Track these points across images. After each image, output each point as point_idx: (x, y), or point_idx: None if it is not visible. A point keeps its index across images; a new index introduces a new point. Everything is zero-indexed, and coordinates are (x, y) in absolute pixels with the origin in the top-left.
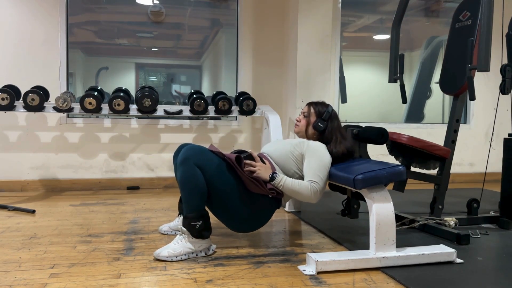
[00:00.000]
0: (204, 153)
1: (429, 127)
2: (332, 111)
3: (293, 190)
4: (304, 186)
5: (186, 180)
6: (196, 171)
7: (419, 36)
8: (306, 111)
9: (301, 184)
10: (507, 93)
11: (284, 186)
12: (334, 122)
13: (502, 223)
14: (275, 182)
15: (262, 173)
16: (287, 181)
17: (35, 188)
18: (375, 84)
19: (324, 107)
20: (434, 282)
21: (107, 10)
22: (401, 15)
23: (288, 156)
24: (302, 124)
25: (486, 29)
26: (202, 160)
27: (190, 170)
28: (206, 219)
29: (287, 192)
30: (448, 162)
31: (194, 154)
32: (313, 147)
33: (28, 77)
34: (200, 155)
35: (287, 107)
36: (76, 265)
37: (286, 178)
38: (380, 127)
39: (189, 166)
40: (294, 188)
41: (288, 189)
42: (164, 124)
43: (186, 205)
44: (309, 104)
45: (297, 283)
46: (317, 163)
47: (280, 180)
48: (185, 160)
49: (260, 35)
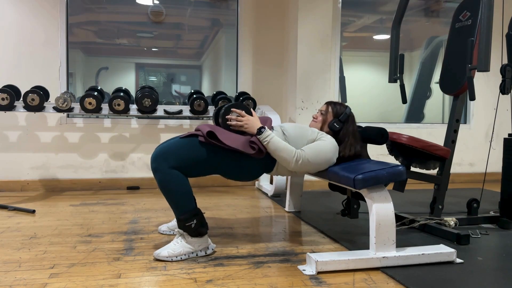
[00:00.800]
0: (169, 153)
1: (429, 127)
2: (350, 113)
3: (277, 148)
4: (290, 148)
5: (165, 187)
6: (171, 175)
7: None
8: (324, 110)
9: (287, 145)
10: (507, 93)
11: (270, 142)
12: (350, 124)
13: (502, 223)
14: (262, 135)
15: (250, 127)
16: (274, 138)
17: (35, 188)
18: (375, 84)
19: (342, 108)
20: (434, 282)
21: (107, 10)
22: (401, 15)
23: (303, 135)
24: (319, 121)
25: (486, 29)
26: (172, 160)
27: (164, 177)
28: (200, 217)
29: (271, 150)
30: (448, 162)
31: (161, 160)
32: (326, 138)
33: (28, 77)
34: (167, 157)
35: (287, 107)
36: (76, 265)
37: (274, 136)
38: (380, 127)
39: (162, 173)
40: (280, 145)
41: (273, 145)
42: (164, 124)
43: (175, 209)
44: (328, 103)
45: (297, 283)
46: (319, 147)
47: (267, 136)
48: (156, 170)
49: (260, 35)
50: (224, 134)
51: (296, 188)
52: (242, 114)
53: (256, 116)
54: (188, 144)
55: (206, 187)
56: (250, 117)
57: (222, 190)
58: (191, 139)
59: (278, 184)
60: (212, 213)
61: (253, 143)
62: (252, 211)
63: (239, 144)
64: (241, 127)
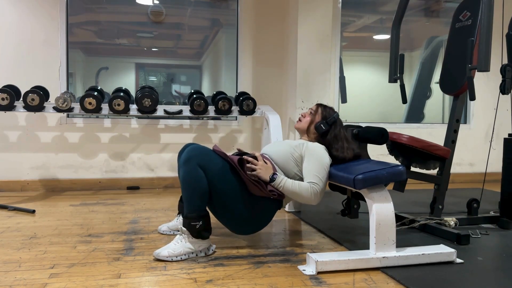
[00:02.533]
0: (207, 154)
1: (429, 127)
2: (337, 118)
3: (293, 192)
4: (304, 187)
5: (188, 180)
6: (198, 172)
7: (419, 36)
8: (313, 109)
9: (301, 185)
10: (507, 93)
11: (284, 187)
12: (338, 128)
13: (502, 223)
14: (275, 183)
15: (263, 173)
16: (287, 182)
17: (35, 188)
18: (375, 84)
19: (331, 112)
20: (434, 282)
21: (107, 10)
22: (401, 15)
23: (288, 157)
24: (305, 120)
25: (486, 29)
26: (205, 161)
27: (192, 170)
28: (206, 220)
29: (287, 194)
30: (448, 162)
31: (197, 154)
32: (312, 148)
33: (28, 77)
34: (203, 155)
35: (287, 107)
36: (76, 265)
37: (286, 179)
38: (380, 127)
39: (191, 166)
40: (294, 189)
41: (288, 190)
42: (164, 124)
43: (187, 205)
44: (318, 104)
45: (297, 283)
46: (316, 164)
47: (280, 181)
48: (188, 160)
49: (260, 35)
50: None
51: None
52: (254, 162)
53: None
54: (221, 160)
55: None
56: (264, 163)
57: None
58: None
59: None
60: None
61: (272, 190)
62: None
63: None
64: (255, 170)
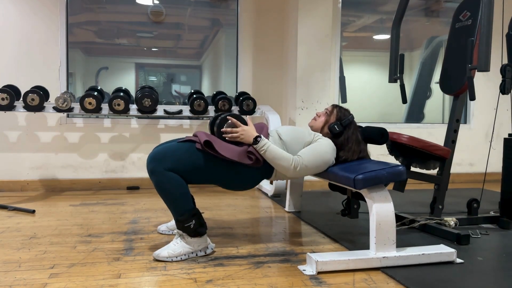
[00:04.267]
0: (166, 155)
1: (429, 127)
2: (352, 120)
3: (274, 156)
4: (287, 156)
5: (162, 189)
6: (167, 177)
7: (419, 36)
8: (329, 110)
9: (284, 153)
10: (507, 93)
11: (267, 150)
12: (352, 131)
13: (502, 223)
14: (258, 145)
15: (246, 137)
16: (271, 146)
17: (35, 188)
18: (375, 84)
19: (347, 114)
20: (434, 282)
21: (107, 10)
22: (401, 15)
23: (300, 140)
24: (320, 120)
25: (486, 29)
26: (168, 162)
27: (161, 179)
28: (198, 216)
29: (269, 159)
30: (448, 162)
31: (157, 162)
32: (322, 142)
33: (28, 77)
34: (164, 159)
35: (287, 107)
36: (76, 265)
37: (270, 144)
38: (380, 127)
39: (158, 175)
40: (277, 154)
41: (270, 154)
42: (164, 124)
43: (173, 211)
44: (334, 105)
45: (297, 283)
46: (314, 151)
47: (264, 145)
48: (152, 172)
49: (260, 35)
50: (220, 144)
51: (296, 188)
52: (237, 125)
53: (251, 125)
54: (185, 148)
55: (206, 187)
56: (245, 127)
57: (222, 190)
58: (189, 144)
59: (278, 184)
60: (212, 213)
61: (251, 153)
62: (252, 211)
63: (235, 155)
64: (237, 138)
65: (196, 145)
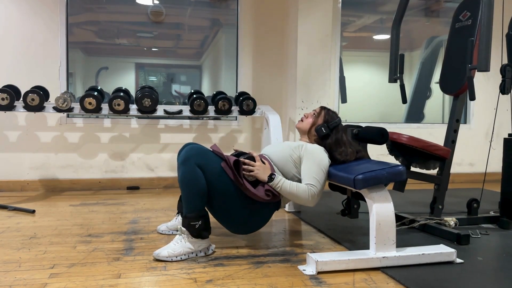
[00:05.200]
0: (205, 154)
1: (429, 127)
2: (340, 123)
3: (290, 193)
4: (302, 189)
5: (187, 180)
6: (196, 171)
7: (419, 36)
8: (317, 112)
9: (298, 186)
10: (507, 93)
11: (282, 188)
12: (340, 133)
13: (502, 223)
14: (273, 183)
15: (261, 173)
16: (285, 183)
17: (35, 188)
18: (375, 84)
19: (334, 117)
20: (434, 282)
21: (107, 10)
22: (401, 15)
23: (287, 159)
24: (307, 121)
25: (486, 29)
26: (203, 161)
27: (190, 170)
28: (206, 220)
29: (285, 195)
30: (448, 162)
31: (195, 154)
32: (310, 150)
33: (28, 77)
34: (202, 155)
35: (287, 107)
36: (76, 265)
37: (284, 180)
38: (380, 127)
39: (190, 166)
40: (292, 190)
41: (285, 191)
42: (164, 124)
43: (186, 205)
44: (322, 107)
45: (297, 283)
46: (314, 166)
47: (278, 182)
48: (186, 160)
49: (260, 35)
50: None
51: None
52: (251, 163)
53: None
54: (217, 159)
55: None
56: (262, 164)
57: None
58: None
59: None
60: None
61: (268, 190)
62: None
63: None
64: (252, 171)
65: (222, 163)
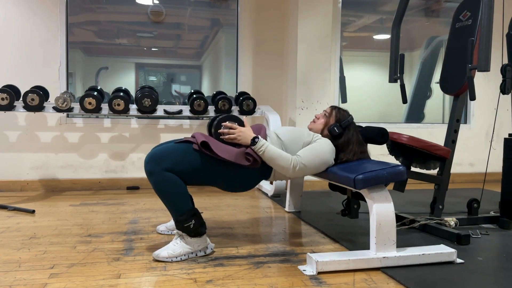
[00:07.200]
0: (167, 154)
1: (430, 127)
2: (352, 122)
3: (272, 157)
4: (286, 156)
5: (160, 190)
6: (165, 177)
7: (419, 36)
8: (328, 112)
9: (283, 153)
10: (507, 93)
11: (265, 151)
12: (352, 132)
13: (502, 223)
14: (256, 146)
15: (243, 138)
16: (269, 147)
17: (35, 188)
18: (375, 84)
19: (346, 115)
20: (434, 282)
21: (107, 10)
22: (401, 15)
23: (299, 140)
24: (320, 122)
25: (486, 29)
26: (166, 163)
27: (159, 179)
28: (197, 216)
29: (267, 160)
30: (448, 162)
31: (155, 163)
32: (321, 142)
33: (28, 77)
34: (164, 158)
35: (287, 107)
36: (76, 265)
37: (269, 144)
38: (380, 127)
39: (156, 175)
40: (275, 154)
41: (268, 155)
42: (164, 124)
43: (172, 211)
44: (333, 107)
45: (297, 283)
46: (314, 151)
47: (262, 146)
48: (150, 173)
49: (260, 35)
50: (217, 145)
51: (296, 188)
52: (233, 127)
53: (248, 126)
54: (183, 149)
55: (206, 187)
56: (242, 128)
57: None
58: (186, 145)
59: (278, 184)
60: (212, 213)
61: (248, 154)
62: (252, 211)
63: (232, 156)
64: (234, 139)
65: (193, 145)
